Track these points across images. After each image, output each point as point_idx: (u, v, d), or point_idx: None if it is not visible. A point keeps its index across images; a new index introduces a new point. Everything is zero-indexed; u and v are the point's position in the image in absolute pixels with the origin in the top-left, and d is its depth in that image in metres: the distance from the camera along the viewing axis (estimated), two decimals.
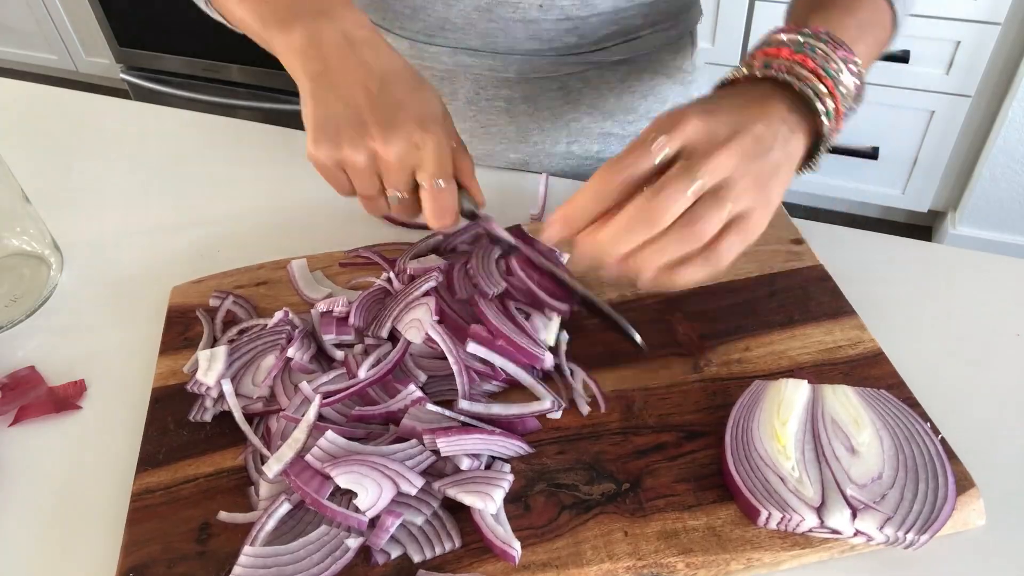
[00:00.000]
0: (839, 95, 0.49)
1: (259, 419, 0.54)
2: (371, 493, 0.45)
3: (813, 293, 0.59)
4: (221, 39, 2.26)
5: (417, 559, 0.45)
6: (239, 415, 0.53)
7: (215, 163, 0.82)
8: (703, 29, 1.92)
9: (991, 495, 0.47)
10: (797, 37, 0.50)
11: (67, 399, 0.58)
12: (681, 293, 0.60)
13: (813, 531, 0.44)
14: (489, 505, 0.46)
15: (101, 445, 0.55)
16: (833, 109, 0.49)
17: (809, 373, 0.54)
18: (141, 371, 0.60)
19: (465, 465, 0.48)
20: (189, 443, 0.53)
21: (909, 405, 0.50)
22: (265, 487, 0.49)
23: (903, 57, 1.76)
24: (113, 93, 1.57)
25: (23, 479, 0.54)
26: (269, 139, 0.84)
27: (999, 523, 0.46)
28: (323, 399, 0.51)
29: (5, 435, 0.56)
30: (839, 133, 0.51)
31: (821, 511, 0.43)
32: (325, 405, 0.52)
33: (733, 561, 0.44)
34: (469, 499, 0.46)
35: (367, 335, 0.57)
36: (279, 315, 0.59)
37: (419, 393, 0.51)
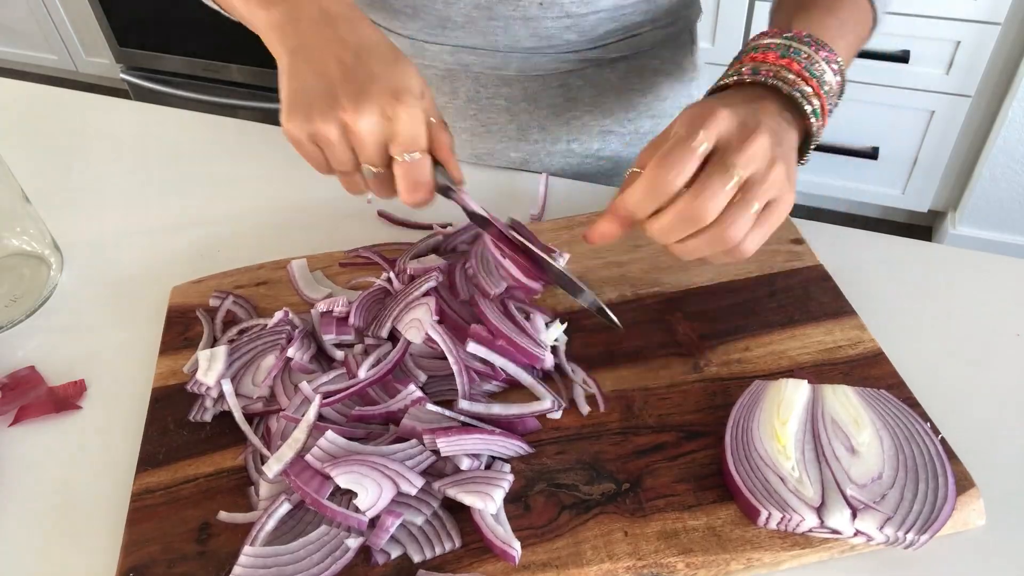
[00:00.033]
0: (824, 94, 0.52)
1: (259, 419, 0.54)
2: (371, 493, 0.45)
3: (813, 293, 0.59)
4: (221, 39, 2.26)
5: (417, 559, 0.45)
6: (239, 415, 0.53)
7: (215, 163, 0.82)
8: (703, 29, 1.92)
9: (991, 495, 0.47)
10: (782, 41, 0.53)
11: (67, 399, 0.58)
12: (681, 293, 0.60)
13: (813, 531, 0.44)
14: (489, 505, 0.46)
15: (101, 445, 0.55)
16: (819, 107, 0.51)
17: (809, 373, 0.54)
18: (141, 371, 0.60)
19: (465, 465, 0.48)
20: (189, 443, 0.53)
21: (909, 405, 0.50)
22: (265, 487, 0.49)
23: (903, 57, 1.76)
24: (113, 93, 1.57)
25: (23, 479, 0.54)
26: (269, 139, 0.84)
27: (999, 523, 0.46)
28: (323, 399, 0.51)
29: (5, 435, 0.56)
30: (824, 128, 0.54)
31: (821, 511, 0.43)
32: (325, 405, 0.52)
33: (733, 561, 0.44)
34: (469, 499, 0.46)
35: (367, 335, 0.57)
36: (279, 315, 0.59)
37: (419, 393, 0.51)
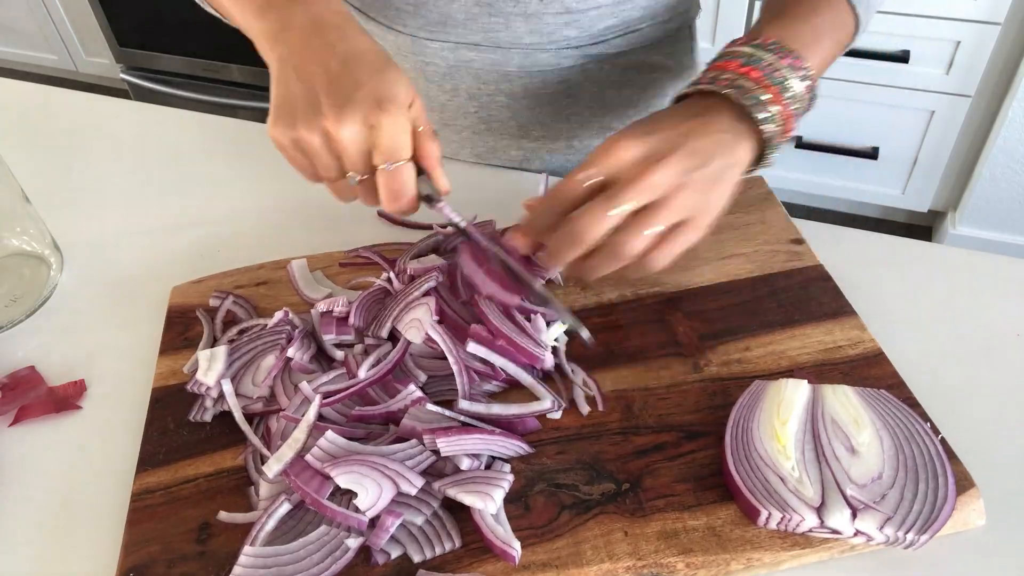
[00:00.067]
0: (786, 101, 0.53)
1: (259, 419, 0.54)
2: (371, 493, 0.45)
3: (813, 293, 0.59)
4: (221, 39, 2.26)
5: (417, 559, 0.45)
6: (239, 415, 0.53)
7: (215, 163, 0.82)
8: (703, 29, 1.92)
9: (991, 495, 0.47)
10: (747, 49, 0.55)
11: (67, 399, 0.58)
12: (681, 293, 0.60)
13: (813, 531, 0.44)
14: (489, 505, 0.46)
15: (101, 445, 0.55)
16: (779, 114, 0.53)
17: (809, 373, 0.54)
18: (141, 371, 0.60)
19: (465, 465, 0.48)
20: (189, 443, 0.53)
21: (909, 405, 0.50)
22: (265, 487, 0.49)
23: (903, 57, 1.76)
24: (113, 93, 1.57)
25: (23, 479, 0.54)
26: (269, 139, 0.84)
27: (999, 523, 0.46)
28: (323, 399, 0.51)
29: (5, 435, 0.56)
30: (793, 132, 0.55)
31: (821, 511, 0.43)
32: (325, 405, 0.52)
33: (733, 561, 0.44)
34: (469, 499, 0.46)
35: (367, 335, 0.57)
36: (279, 315, 0.59)
37: (419, 393, 0.51)
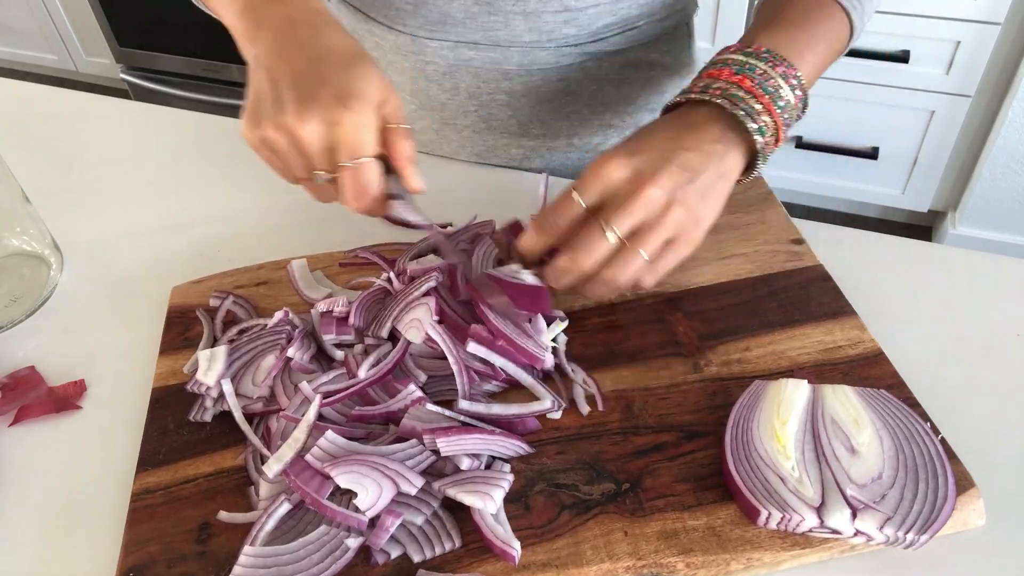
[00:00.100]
0: (777, 110, 0.53)
1: (259, 419, 0.54)
2: (371, 493, 0.45)
3: (813, 293, 0.59)
4: (221, 39, 2.25)
5: (417, 559, 0.45)
6: (239, 415, 0.53)
7: (215, 163, 0.82)
8: (703, 29, 1.92)
9: (991, 495, 0.47)
10: (740, 57, 0.54)
11: (67, 399, 0.58)
12: (681, 293, 0.60)
13: (813, 531, 0.44)
14: (489, 505, 0.46)
15: (101, 445, 0.55)
16: (770, 124, 0.53)
17: (809, 373, 0.54)
18: (141, 371, 0.60)
19: (465, 465, 0.48)
20: (189, 443, 0.53)
21: (909, 405, 0.50)
22: (265, 487, 0.49)
23: (903, 57, 1.76)
24: (113, 93, 1.57)
25: (23, 479, 0.54)
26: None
27: (999, 523, 0.46)
28: (323, 399, 0.51)
29: (5, 435, 0.56)
30: (784, 141, 0.56)
31: (821, 511, 0.43)
32: (325, 405, 0.52)
33: (733, 561, 0.44)
34: (469, 499, 0.46)
35: (367, 335, 0.57)
36: (279, 315, 0.59)
37: (419, 393, 0.51)
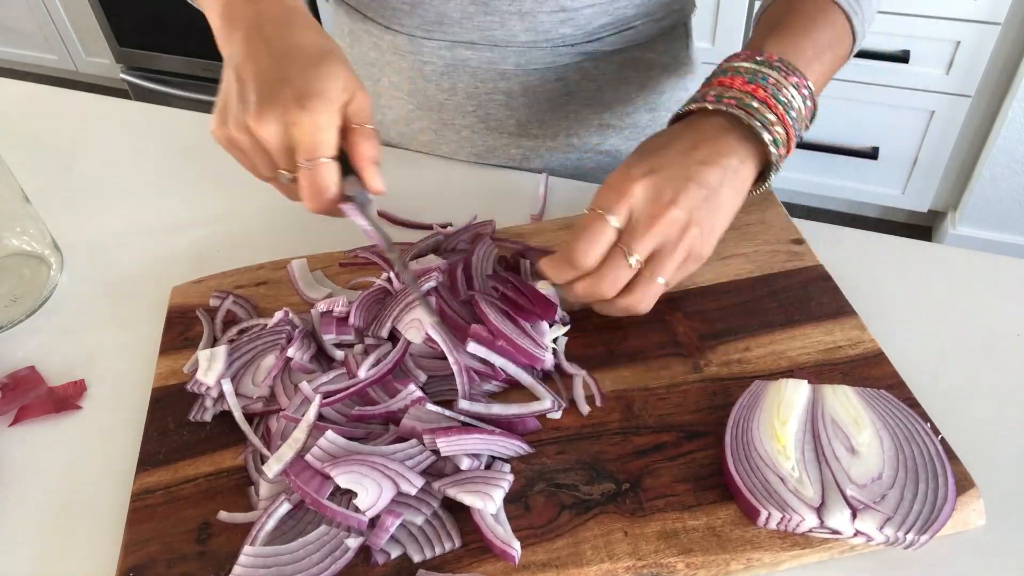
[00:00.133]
0: (790, 121, 0.52)
1: (259, 419, 0.54)
2: (371, 493, 0.45)
3: (813, 293, 0.59)
4: None
5: (417, 559, 0.45)
6: (239, 415, 0.53)
7: (215, 163, 0.82)
8: (703, 29, 1.92)
9: (991, 495, 0.47)
10: (751, 65, 0.53)
11: (67, 399, 0.58)
12: (681, 293, 0.60)
13: (813, 531, 0.44)
14: (489, 505, 0.46)
15: (101, 445, 0.55)
16: (782, 135, 0.52)
17: (809, 373, 0.54)
18: (141, 371, 0.60)
19: (465, 465, 0.48)
20: (189, 443, 0.53)
21: (909, 405, 0.50)
22: (265, 487, 0.49)
23: (903, 57, 1.76)
24: (113, 93, 1.57)
25: (23, 479, 0.54)
26: None
27: (999, 523, 0.46)
28: (323, 399, 0.51)
29: (5, 435, 0.56)
30: (792, 153, 0.55)
31: (821, 511, 0.43)
32: (325, 405, 0.52)
33: (733, 561, 0.44)
34: (469, 499, 0.46)
35: (367, 335, 0.57)
36: (279, 315, 0.59)
37: (419, 393, 0.51)
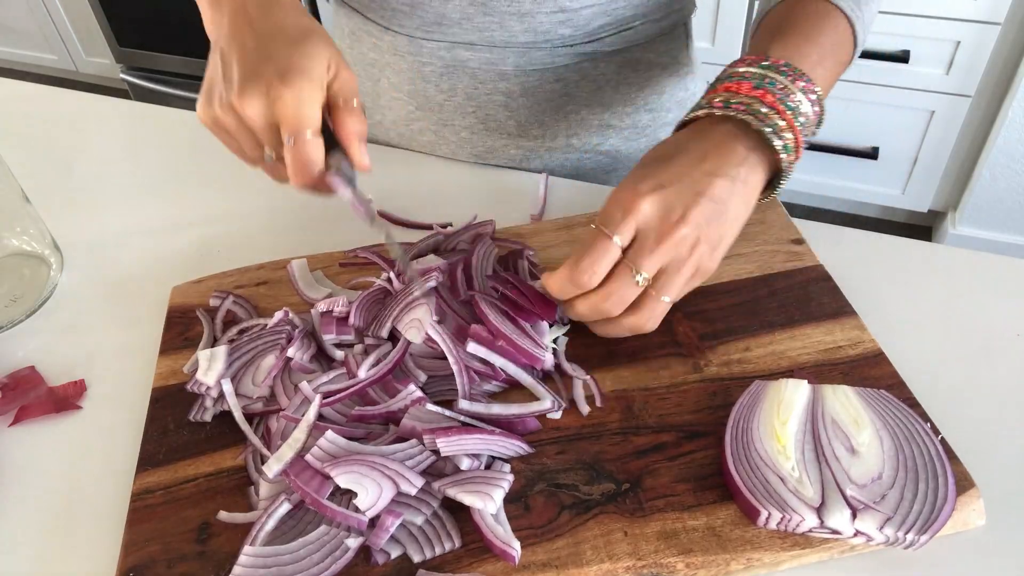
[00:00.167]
0: (798, 127, 0.51)
1: (259, 419, 0.54)
2: (371, 493, 0.45)
3: (813, 293, 0.59)
4: None
5: (417, 559, 0.45)
6: (239, 415, 0.53)
7: (215, 163, 0.82)
8: (703, 29, 1.92)
9: (991, 495, 0.47)
10: (757, 70, 0.52)
11: (67, 399, 0.58)
12: None
13: (813, 531, 0.44)
14: (489, 505, 0.46)
15: (101, 445, 0.55)
16: (792, 141, 0.51)
17: (809, 373, 0.54)
18: (141, 371, 0.60)
19: (465, 465, 0.48)
20: (189, 443, 0.53)
21: (909, 405, 0.50)
22: (265, 487, 0.49)
23: (903, 57, 1.76)
24: (113, 93, 1.57)
25: (23, 479, 0.54)
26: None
27: (999, 523, 0.46)
28: (323, 399, 0.51)
29: (5, 435, 0.56)
30: (800, 158, 0.54)
31: (821, 511, 0.43)
32: (325, 405, 0.52)
33: (733, 561, 0.44)
34: (469, 499, 0.46)
35: (367, 335, 0.57)
36: (279, 315, 0.59)
37: (419, 393, 0.51)
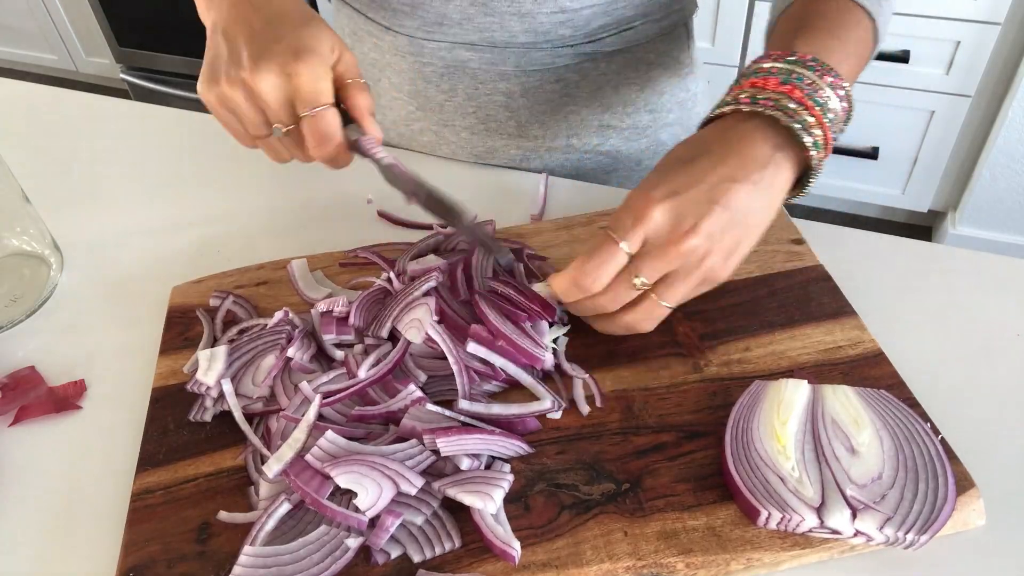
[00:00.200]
0: (827, 123, 0.49)
1: (259, 419, 0.54)
2: (371, 493, 0.45)
3: (813, 293, 0.59)
4: None
5: (417, 559, 0.45)
6: (239, 415, 0.53)
7: (215, 163, 0.82)
8: (703, 29, 1.92)
9: (991, 495, 0.47)
10: (784, 65, 0.50)
11: (67, 399, 0.58)
12: None
13: (813, 531, 0.44)
14: (489, 505, 0.46)
15: (101, 445, 0.55)
16: (821, 137, 0.49)
17: (809, 373, 0.54)
18: (141, 371, 0.60)
19: (465, 465, 0.48)
20: (189, 443, 0.53)
21: (909, 405, 0.50)
22: (265, 487, 0.49)
23: (903, 57, 1.76)
24: (113, 93, 1.57)
25: (23, 479, 0.54)
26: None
27: (999, 523, 0.46)
28: (323, 399, 0.51)
29: (5, 435, 0.56)
30: (828, 155, 0.52)
31: (821, 511, 0.43)
32: (325, 405, 0.52)
33: (733, 561, 0.44)
34: (469, 499, 0.46)
35: (367, 335, 0.57)
36: (279, 315, 0.59)
37: (419, 393, 0.51)
